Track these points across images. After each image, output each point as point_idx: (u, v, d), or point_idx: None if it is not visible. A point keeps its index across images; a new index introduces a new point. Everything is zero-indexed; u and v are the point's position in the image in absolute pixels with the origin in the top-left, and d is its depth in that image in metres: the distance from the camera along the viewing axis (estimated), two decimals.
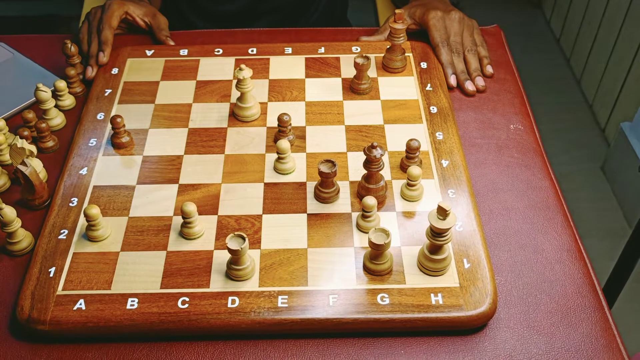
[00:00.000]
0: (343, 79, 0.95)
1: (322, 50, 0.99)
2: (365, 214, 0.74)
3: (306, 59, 0.98)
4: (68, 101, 0.93)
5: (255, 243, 0.74)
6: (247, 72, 0.85)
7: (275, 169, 0.82)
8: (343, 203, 0.78)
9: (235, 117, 0.89)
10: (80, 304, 0.68)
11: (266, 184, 0.80)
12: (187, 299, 0.69)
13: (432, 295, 0.69)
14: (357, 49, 0.99)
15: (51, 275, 0.71)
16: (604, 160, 1.95)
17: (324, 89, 0.93)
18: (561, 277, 0.74)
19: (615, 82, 1.96)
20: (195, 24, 1.21)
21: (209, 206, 0.78)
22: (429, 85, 0.93)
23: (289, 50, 0.99)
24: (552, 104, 2.15)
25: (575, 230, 0.79)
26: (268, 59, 0.98)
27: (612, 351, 0.68)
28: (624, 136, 1.81)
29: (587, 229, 1.78)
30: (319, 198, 0.78)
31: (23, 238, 0.75)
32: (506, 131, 0.90)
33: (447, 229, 0.67)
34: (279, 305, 0.68)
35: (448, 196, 0.79)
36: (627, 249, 1.27)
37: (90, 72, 0.95)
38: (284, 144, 0.80)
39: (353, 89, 0.93)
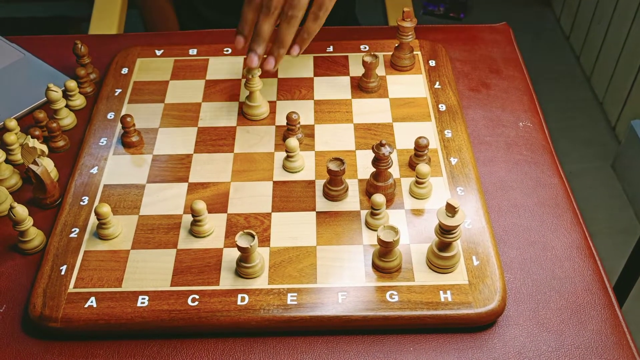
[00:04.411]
0: (351, 78, 0.95)
1: (331, 48, 1.00)
2: (374, 211, 0.74)
3: (315, 57, 0.98)
4: (78, 101, 0.94)
5: (265, 241, 0.74)
6: (255, 71, 0.85)
7: (284, 168, 0.82)
8: (352, 201, 0.78)
9: (245, 115, 0.89)
10: (92, 302, 0.69)
11: (275, 182, 0.81)
12: (197, 297, 0.69)
13: (441, 292, 0.69)
14: (365, 48, 1.00)
15: (62, 273, 0.72)
16: (614, 158, 1.94)
17: (333, 88, 0.94)
18: (571, 274, 0.74)
19: (626, 79, 1.95)
20: (203, 14, 1.22)
21: (218, 204, 0.78)
22: (437, 83, 0.93)
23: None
24: (562, 101, 2.15)
25: (585, 228, 0.78)
26: None
27: (622, 348, 0.67)
28: (635, 134, 1.80)
29: (597, 227, 1.77)
30: (328, 196, 0.78)
31: (35, 236, 0.75)
32: (515, 129, 0.90)
33: (456, 226, 0.67)
34: (288, 302, 0.68)
35: (457, 194, 0.79)
36: (637, 247, 1.27)
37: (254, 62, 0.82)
38: (292, 142, 0.80)
39: (361, 87, 0.93)
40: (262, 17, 0.78)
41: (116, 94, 0.93)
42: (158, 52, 1.00)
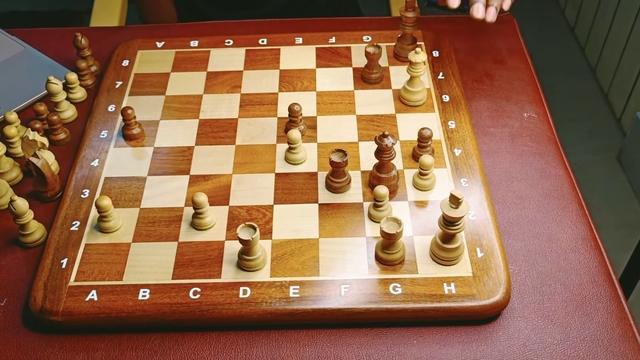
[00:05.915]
0: (354, 69, 0.94)
1: (333, 39, 0.99)
2: (377, 203, 0.73)
3: (317, 48, 0.97)
4: (79, 94, 0.93)
5: (267, 233, 0.74)
6: (422, 56, 0.84)
7: (286, 159, 0.81)
8: (354, 193, 0.78)
9: (402, 100, 0.88)
10: (93, 295, 0.69)
11: (277, 174, 0.80)
12: (198, 290, 0.69)
13: (444, 284, 0.68)
14: (368, 38, 0.99)
15: (63, 266, 0.71)
16: (619, 150, 1.93)
17: (335, 79, 0.93)
18: (576, 266, 0.73)
19: (631, 71, 1.94)
20: (202, 9, 1.21)
21: (220, 197, 0.78)
22: (441, 73, 0.92)
23: (299, 40, 0.99)
24: (566, 93, 2.13)
25: (590, 219, 0.78)
26: (278, 49, 0.98)
27: (628, 340, 0.67)
28: None
29: (602, 220, 1.76)
30: (330, 188, 0.78)
31: (35, 230, 0.75)
32: (520, 119, 0.89)
33: (460, 218, 0.66)
34: (291, 295, 0.68)
35: (461, 185, 0.78)
36: None
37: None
38: (294, 134, 0.79)
39: (364, 78, 0.92)
40: None
41: (117, 86, 0.93)
42: (159, 44, 0.99)
